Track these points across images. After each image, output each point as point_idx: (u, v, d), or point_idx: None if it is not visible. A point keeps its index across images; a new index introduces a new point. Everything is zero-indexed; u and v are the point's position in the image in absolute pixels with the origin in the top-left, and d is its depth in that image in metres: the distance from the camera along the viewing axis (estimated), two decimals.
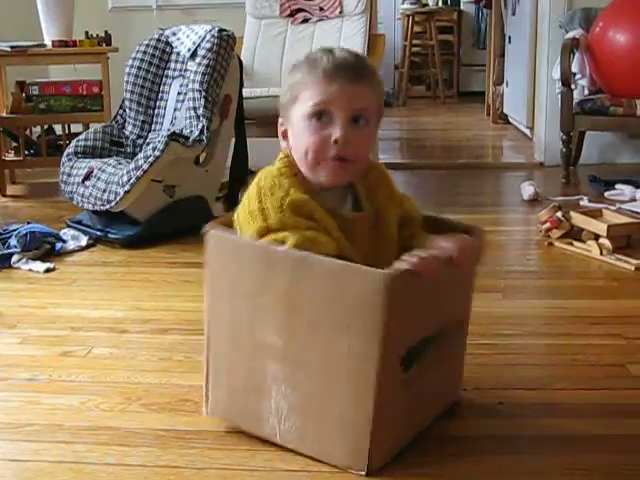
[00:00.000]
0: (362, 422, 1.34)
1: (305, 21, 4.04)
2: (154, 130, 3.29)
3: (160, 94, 3.32)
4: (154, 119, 3.30)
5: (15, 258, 2.69)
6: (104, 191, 2.90)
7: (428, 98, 7.91)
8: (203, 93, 3.09)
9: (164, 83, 3.32)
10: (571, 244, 2.76)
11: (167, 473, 1.41)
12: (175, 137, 2.97)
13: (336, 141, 1.39)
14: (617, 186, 3.53)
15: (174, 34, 3.35)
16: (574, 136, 3.99)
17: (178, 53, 3.31)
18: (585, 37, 3.86)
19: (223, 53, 3.16)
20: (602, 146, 4.32)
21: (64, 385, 1.78)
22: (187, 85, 3.20)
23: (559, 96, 3.84)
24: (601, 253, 2.62)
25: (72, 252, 2.85)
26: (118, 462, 1.45)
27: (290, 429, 1.43)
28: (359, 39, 3.89)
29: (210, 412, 1.56)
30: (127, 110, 3.32)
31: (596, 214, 2.86)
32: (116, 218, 2.95)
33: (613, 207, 3.16)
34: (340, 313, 1.32)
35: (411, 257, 1.32)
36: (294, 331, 1.38)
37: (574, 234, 2.79)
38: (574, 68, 3.83)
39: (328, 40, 3.95)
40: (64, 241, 2.89)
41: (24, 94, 3.89)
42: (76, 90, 3.83)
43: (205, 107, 3.08)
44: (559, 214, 2.83)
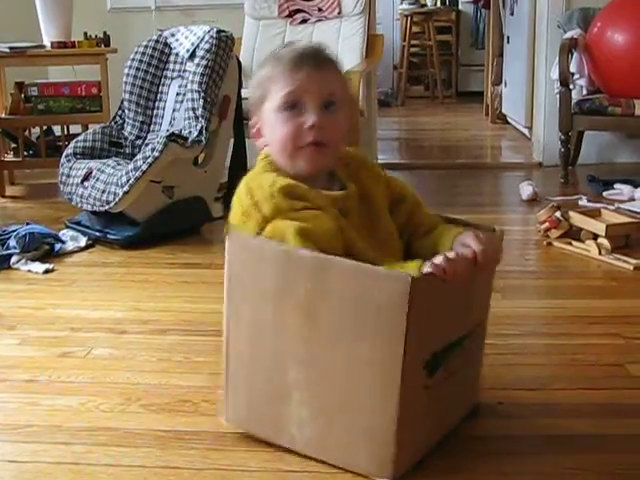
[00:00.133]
0: (386, 428, 1.31)
1: (304, 22, 4.04)
2: (153, 131, 3.29)
3: (159, 95, 3.32)
4: (153, 120, 3.31)
5: (14, 259, 2.69)
6: (103, 192, 2.90)
7: (427, 98, 7.91)
8: (202, 94, 3.09)
9: (163, 84, 3.33)
10: (570, 244, 2.76)
11: (166, 474, 1.41)
12: (174, 138, 2.97)
13: (311, 127, 1.43)
14: (616, 186, 3.53)
15: (173, 35, 3.35)
16: (573, 136, 3.99)
17: (177, 54, 3.32)
18: (583, 37, 3.86)
19: (222, 54, 3.16)
20: (601, 146, 4.32)
21: (63, 386, 1.78)
22: (186, 86, 3.20)
23: (557, 96, 3.84)
24: (600, 253, 2.63)
25: (71, 253, 2.85)
26: (117, 463, 1.45)
27: (310, 437, 1.40)
28: (358, 39, 3.89)
29: (228, 419, 1.52)
30: (126, 111, 3.32)
31: (595, 214, 2.86)
32: (115, 219, 2.95)
33: (612, 207, 3.16)
34: (363, 317, 1.29)
35: (437, 260, 1.30)
36: (316, 335, 1.35)
37: (573, 234, 2.80)
38: (572, 68, 3.83)
39: (327, 40, 3.92)
40: (63, 242, 2.89)
41: (23, 95, 3.89)
42: (75, 91, 3.83)
43: (204, 108, 3.09)
44: (558, 214, 2.83)
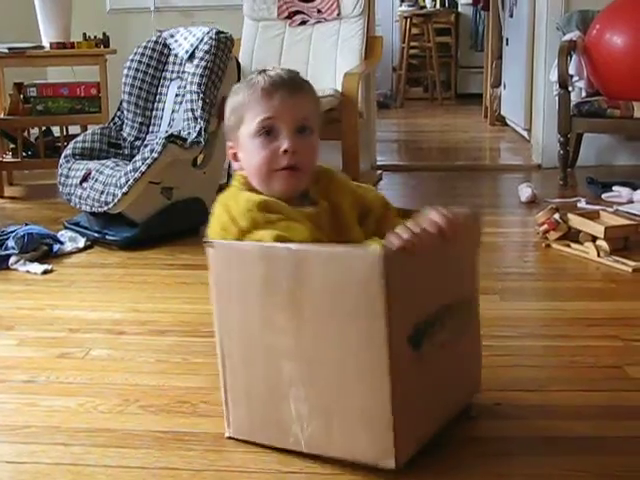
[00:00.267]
0: (382, 409, 1.32)
1: (303, 23, 4.04)
2: (152, 132, 3.29)
3: (158, 96, 3.32)
4: (152, 121, 3.31)
5: (13, 260, 2.69)
6: (102, 193, 2.90)
7: (426, 100, 7.93)
8: (201, 95, 3.09)
9: (162, 85, 3.33)
10: (568, 246, 2.76)
11: (165, 475, 1.41)
12: (173, 139, 2.97)
13: (285, 151, 1.47)
14: (614, 188, 3.53)
15: (172, 36, 3.36)
16: (571, 138, 3.99)
17: (176, 55, 3.32)
18: (582, 39, 3.86)
19: (221, 55, 3.16)
20: (599, 148, 4.32)
21: (62, 387, 1.78)
22: (185, 87, 3.20)
23: (556, 98, 3.85)
24: (598, 255, 2.63)
25: (70, 254, 2.85)
26: (116, 464, 1.45)
27: (313, 433, 1.41)
28: (357, 41, 3.89)
29: (233, 433, 1.52)
30: (125, 112, 3.32)
31: (593, 216, 2.86)
32: (114, 220, 2.95)
33: (610, 209, 3.17)
34: (344, 300, 1.32)
35: (402, 232, 1.32)
36: (303, 327, 1.38)
37: (571, 236, 2.80)
38: (571, 70, 3.83)
39: (326, 42, 3.95)
40: (62, 243, 2.89)
41: (22, 96, 3.89)
42: (74, 92, 3.83)
43: (203, 109, 3.09)
44: (556, 216, 2.83)
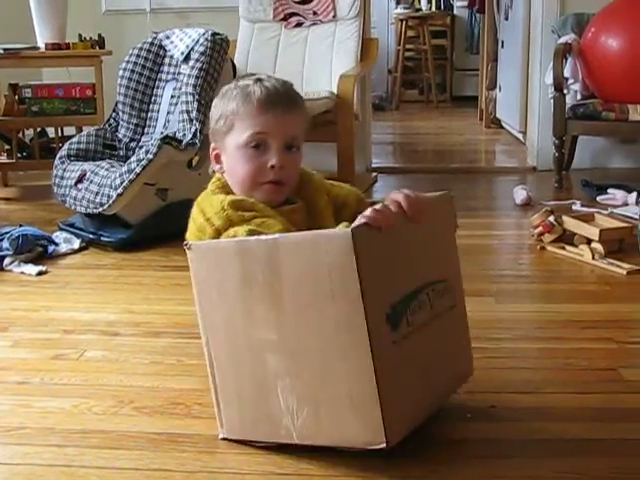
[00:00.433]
0: (368, 391, 1.32)
1: (298, 25, 4.04)
2: (147, 133, 3.28)
3: (153, 97, 3.32)
4: (147, 122, 3.31)
5: (7, 261, 2.69)
6: (97, 194, 2.90)
7: (421, 102, 7.93)
8: (196, 96, 3.09)
9: (157, 86, 3.32)
10: (563, 248, 2.76)
11: (159, 476, 1.41)
12: (168, 140, 2.96)
13: (272, 167, 1.51)
14: (609, 190, 3.54)
15: (167, 37, 3.36)
16: (567, 141, 4.00)
17: (171, 56, 3.32)
18: (577, 42, 3.87)
19: (216, 57, 3.16)
20: (594, 151, 4.33)
21: (56, 388, 1.78)
22: (180, 88, 3.20)
23: (552, 101, 3.85)
24: (593, 257, 2.63)
25: (64, 255, 2.84)
26: (110, 465, 1.44)
27: (304, 423, 1.41)
28: (352, 43, 3.89)
29: (226, 434, 1.52)
30: (120, 113, 3.32)
31: (588, 218, 2.87)
32: (109, 221, 2.95)
33: (605, 211, 3.17)
34: (319, 285, 1.33)
35: (367, 211, 1.35)
36: (284, 318, 1.38)
37: (566, 238, 2.80)
38: (566, 73, 3.84)
39: (321, 44, 3.96)
40: (56, 244, 2.88)
41: (17, 96, 3.88)
42: (69, 93, 3.82)
43: (198, 110, 3.09)
44: (551, 218, 2.83)
